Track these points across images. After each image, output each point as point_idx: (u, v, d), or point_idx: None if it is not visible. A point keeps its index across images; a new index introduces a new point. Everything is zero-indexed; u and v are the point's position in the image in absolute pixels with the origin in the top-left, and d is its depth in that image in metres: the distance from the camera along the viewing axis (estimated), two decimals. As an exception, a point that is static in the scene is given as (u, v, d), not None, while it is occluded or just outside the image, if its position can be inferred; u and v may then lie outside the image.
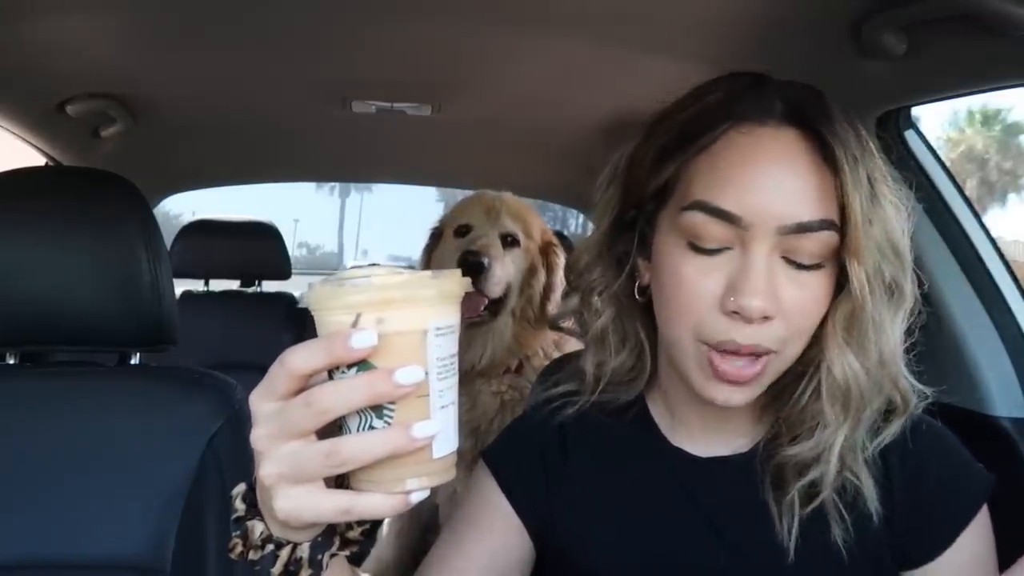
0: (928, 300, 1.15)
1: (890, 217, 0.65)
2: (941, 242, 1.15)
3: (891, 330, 0.66)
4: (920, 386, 0.70)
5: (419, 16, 1.17)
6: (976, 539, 0.69)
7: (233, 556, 0.53)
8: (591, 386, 0.77)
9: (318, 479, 0.47)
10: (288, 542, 0.52)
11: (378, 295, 0.47)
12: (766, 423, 0.73)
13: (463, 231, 1.61)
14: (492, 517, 0.77)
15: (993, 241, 1.16)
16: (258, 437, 0.47)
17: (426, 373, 0.48)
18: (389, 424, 0.48)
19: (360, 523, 0.55)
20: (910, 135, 1.18)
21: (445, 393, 0.49)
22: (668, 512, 0.74)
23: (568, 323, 0.85)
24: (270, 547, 0.52)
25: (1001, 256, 1.15)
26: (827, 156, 0.63)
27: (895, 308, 0.66)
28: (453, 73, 1.46)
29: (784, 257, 0.64)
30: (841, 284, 0.65)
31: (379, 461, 0.48)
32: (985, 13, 0.82)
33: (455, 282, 0.50)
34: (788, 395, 0.70)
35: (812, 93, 0.68)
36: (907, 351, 0.70)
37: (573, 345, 1.16)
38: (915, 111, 1.18)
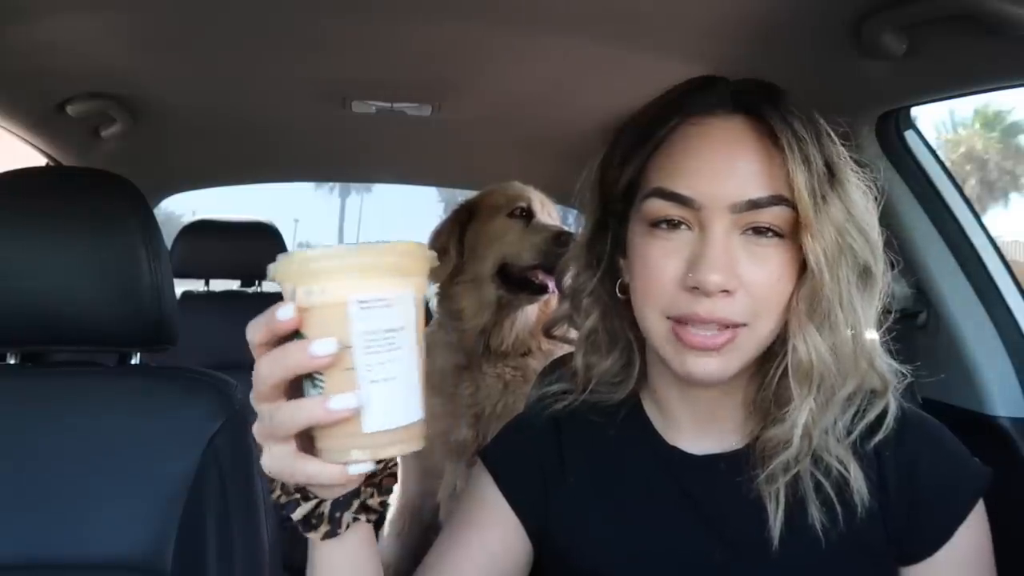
0: (928, 300, 1.16)
1: (855, 200, 0.68)
2: (941, 242, 1.15)
3: (863, 311, 0.68)
4: (898, 366, 0.71)
5: (419, 16, 1.17)
6: (974, 533, 0.70)
7: (273, 498, 0.60)
8: (581, 385, 0.80)
9: (281, 439, 0.53)
10: (315, 497, 0.59)
11: (301, 267, 0.49)
12: (755, 418, 0.73)
13: (524, 214, 1.62)
14: (491, 517, 0.77)
15: (993, 241, 1.16)
16: (251, 398, 0.53)
17: (351, 346, 0.49)
18: (320, 393, 0.50)
19: (381, 493, 0.61)
20: (910, 135, 1.18)
21: (375, 368, 0.49)
22: (664, 510, 0.74)
23: (561, 331, 0.86)
24: (296, 496, 0.59)
25: (1001, 256, 1.15)
26: (775, 139, 0.66)
27: (866, 289, 0.69)
28: (453, 73, 1.47)
29: (743, 233, 0.66)
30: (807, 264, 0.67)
31: (326, 431, 0.51)
32: (985, 13, 0.82)
33: (378, 253, 0.49)
34: (764, 380, 0.71)
35: (763, 85, 0.71)
36: (889, 337, 0.71)
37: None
38: (913, 111, 1.18)
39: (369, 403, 0.50)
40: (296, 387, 0.53)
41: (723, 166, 0.67)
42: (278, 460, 0.53)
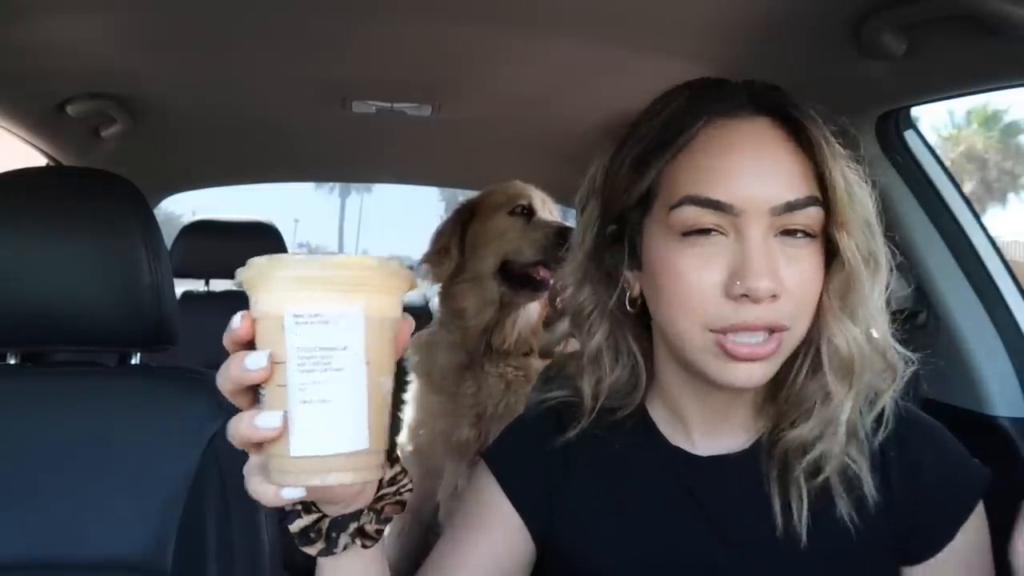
0: (928, 300, 1.16)
1: (858, 193, 0.68)
2: (941, 242, 1.15)
3: (873, 301, 0.68)
4: (906, 352, 0.71)
5: (419, 16, 1.17)
6: (975, 532, 0.70)
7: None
8: (589, 406, 0.76)
9: (247, 449, 0.52)
10: (317, 510, 0.58)
11: (254, 274, 0.47)
12: (766, 417, 0.73)
13: (525, 211, 1.63)
14: (494, 517, 0.77)
15: (993, 241, 1.16)
16: None
17: (285, 362, 0.46)
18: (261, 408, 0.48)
19: (380, 521, 0.60)
20: (910, 135, 1.18)
21: (308, 388, 0.46)
22: (670, 511, 0.74)
23: (559, 349, 0.85)
24: (299, 507, 0.58)
25: (1001, 256, 1.15)
26: (800, 138, 0.66)
27: (874, 279, 0.68)
28: (453, 73, 1.47)
29: (777, 236, 0.66)
30: (828, 259, 0.68)
31: (266, 449, 0.49)
32: (985, 13, 0.82)
33: (319, 266, 0.46)
34: (785, 379, 0.70)
35: (774, 87, 0.70)
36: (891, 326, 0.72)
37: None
38: (914, 111, 1.18)
39: (296, 425, 0.47)
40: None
41: (757, 169, 0.65)
42: (246, 469, 0.53)
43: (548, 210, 1.66)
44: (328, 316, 0.46)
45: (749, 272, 0.63)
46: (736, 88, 0.70)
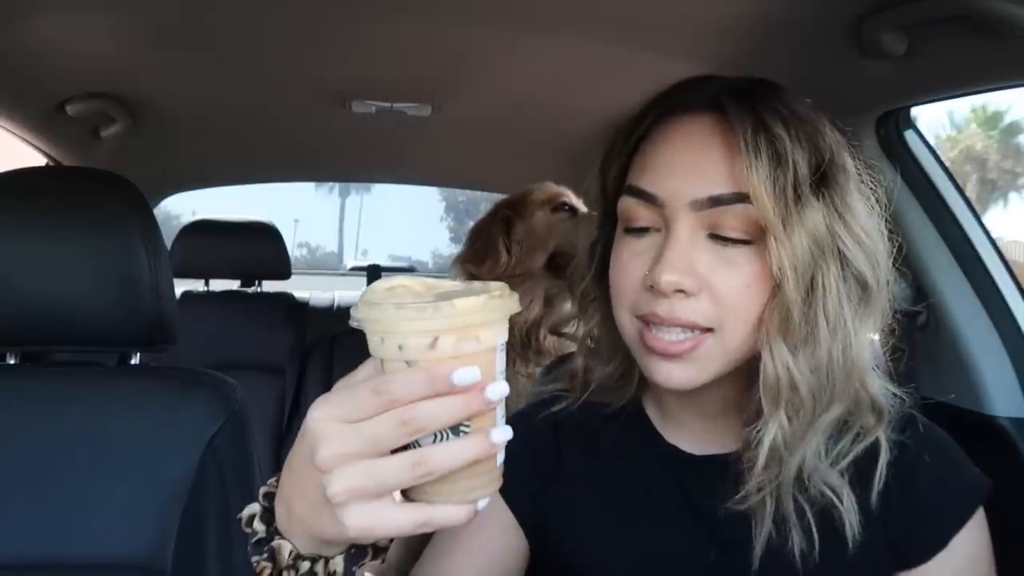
0: (928, 300, 1.16)
1: (853, 208, 0.65)
2: (941, 242, 1.15)
3: (854, 328, 0.64)
4: (897, 391, 0.68)
5: (419, 16, 1.17)
6: (971, 543, 0.69)
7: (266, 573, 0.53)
8: (579, 389, 0.78)
9: (394, 492, 0.47)
10: (320, 557, 0.53)
11: (459, 320, 0.48)
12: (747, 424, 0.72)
13: (567, 208, 1.69)
14: (488, 516, 0.76)
15: (993, 241, 1.16)
16: (328, 457, 0.46)
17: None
18: (467, 434, 0.49)
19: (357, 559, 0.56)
20: (910, 135, 1.18)
21: (503, 403, 0.51)
22: (661, 508, 0.74)
23: (569, 329, 0.86)
24: (305, 564, 0.53)
25: (1001, 256, 1.15)
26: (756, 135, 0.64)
27: (863, 308, 0.65)
28: (453, 73, 1.47)
29: (711, 235, 0.65)
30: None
31: (457, 473, 0.48)
32: (985, 13, 0.82)
33: (515, 300, 0.51)
34: (751, 389, 0.68)
35: (752, 82, 0.69)
36: (894, 358, 0.70)
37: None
38: (913, 111, 1.18)
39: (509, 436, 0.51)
40: None
41: (688, 163, 0.65)
42: (380, 514, 0.47)
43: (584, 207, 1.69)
44: (505, 340, 0.52)
45: (659, 265, 0.64)
46: (708, 84, 0.70)
